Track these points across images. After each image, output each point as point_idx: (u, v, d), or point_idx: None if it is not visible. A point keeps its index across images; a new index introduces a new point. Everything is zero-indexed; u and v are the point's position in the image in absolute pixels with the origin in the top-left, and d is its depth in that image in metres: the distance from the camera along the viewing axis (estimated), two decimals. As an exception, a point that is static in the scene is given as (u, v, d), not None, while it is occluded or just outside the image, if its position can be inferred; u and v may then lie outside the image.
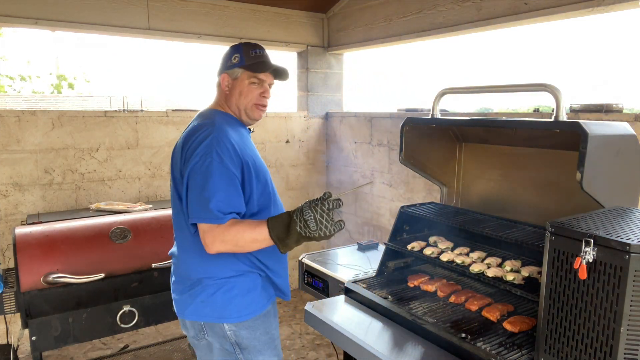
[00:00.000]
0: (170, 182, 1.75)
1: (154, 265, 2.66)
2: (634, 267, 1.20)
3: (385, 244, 2.25)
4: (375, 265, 2.31)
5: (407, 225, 2.31)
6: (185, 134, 1.72)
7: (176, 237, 1.78)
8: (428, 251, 2.08)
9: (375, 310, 1.96)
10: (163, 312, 2.66)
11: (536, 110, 2.92)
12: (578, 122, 1.50)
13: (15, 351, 2.70)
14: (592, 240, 1.27)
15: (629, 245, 1.20)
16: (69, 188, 3.51)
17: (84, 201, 3.55)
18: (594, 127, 1.50)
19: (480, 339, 1.63)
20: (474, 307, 1.84)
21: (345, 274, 2.29)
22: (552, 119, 1.63)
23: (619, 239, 1.24)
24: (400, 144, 2.26)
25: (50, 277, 2.41)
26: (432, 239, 2.20)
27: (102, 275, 2.51)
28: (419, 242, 2.16)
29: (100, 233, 2.65)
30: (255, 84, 1.76)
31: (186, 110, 4.09)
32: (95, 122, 3.56)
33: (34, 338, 2.37)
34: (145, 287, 2.66)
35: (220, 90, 1.81)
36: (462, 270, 1.93)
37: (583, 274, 1.27)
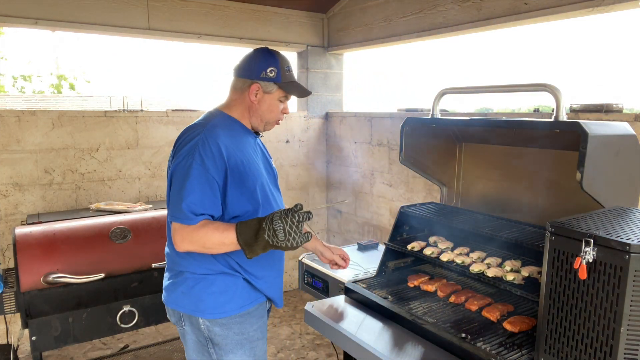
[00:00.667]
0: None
1: (154, 265, 2.66)
2: (634, 267, 1.20)
3: (385, 244, 2.25)
4: (375, 265, 2.31)
5: (407, 225, 2.31)
6: (181, 132, 1.75)
7: (167, 228, 1.81)
8: (428, 251, 2.08)
9: (375, 310, 1.96)
10: (163, 312, 2.62)
11: (536, 110, 2.92)
12: (578, 122, 1.50)
13: (15, 351, 2.70)
14: (592, 240, 1.27)
15: (629, 245, 1.20)
16: (69, 188, 3.51)
17: (84, 201, 3.55)
18: (594, 127, 1.50)
19: (480, 339, 1.63)
20: (474, 307, 1.84)
21: (345, 274, 2.29)
22: (552, 119, 1.63)
23: (619, 239, 1.24)
24: (400, 144, 2.26)
25: (50, 277, 2.41)
26: (432, 239, 2.20)
27: (102, 275, 2.51)
28: (419, 242, 2.16)
29: (100, 233, 2.65)
30: (282, 101, 1.79)
31: (186, 110, 4.09)
32: (95, 122, 3.56)
33: (34, 338, 2.37)
34: (145, 287, 2.66)
35: (242, 96, 1.75)
36: (462, 270, 1.93)
37: (583, 274, 1.27)
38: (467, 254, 2.02)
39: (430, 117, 2.14)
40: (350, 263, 2.17)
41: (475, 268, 1.88)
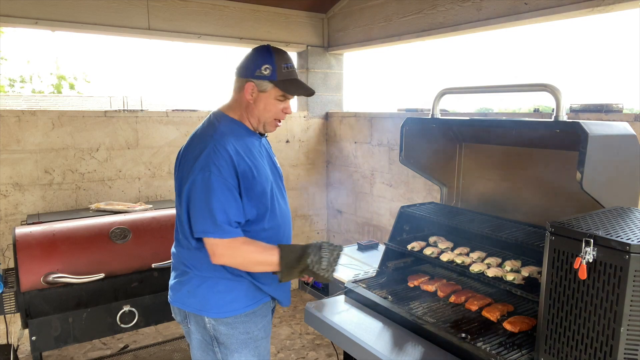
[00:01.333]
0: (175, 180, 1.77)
1: (154, 265, 2.66)
2: (634, 267, 1.20)
3: (385, 244, 2.25)
4: (375, 265, 2.31)
5: (407, 225, 2.31)
6: (189, 138, 1.74)
7: (175, 229, 1.81)
8: (428, 251, 2.08)
9: (375, 310, 1.96)
10: (163, 312, 2.66)
11: (536, 110, 2.92)
12: (578, 122, 1.50)
13: (15, 351, 2.70)
14: (592, 240, 1.27)
15: (629, 245, 1.20)
16: (69, 188, 3.51)
17: (84, 201, 3.55)
18: (594, 127, 1.50)
19: (480, 339, 1.63)
20: (474, 307, 1.84)
21: (345, 274, 2.29)
22: (552, 119, 1.63)
23: (619, 239, 1.24)
24: (400, 144, 2.26)
25: (50, 277, 2.41)
26: (432, 239, 2.20)
27: (102, 275, 2.51)
28: (419, 242, 2.16)
29: (100, 233, 2.65)
30: (281, 100, 1.73)
31: (186, 110, 4.09)
32: (95, 122, 3.56)
33: (34, 338, 2.37)
34: (145, 287, 2.66)
35: (240, 96, 1.73)
36: (462, 270, 1.93)
37: (583, 274, 1.27)
38: (467, 254, 2.02)
39: (430, 117, 2.14)
40: (350, 263, 2.17)
41: (475, 268, 1.88)
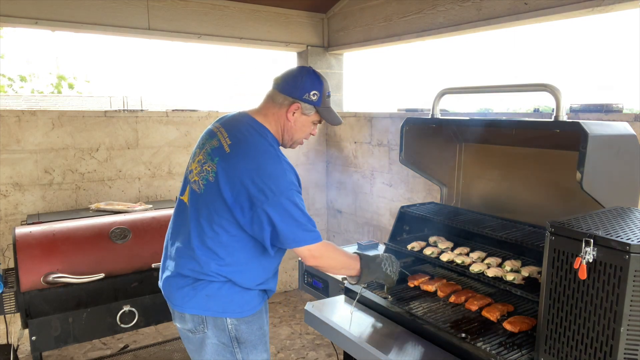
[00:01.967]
0: (198, 176, 1.72)
1: (154, 265, 2.65)
2: (634, 267, 1.20)
3: (385, 244, 2.25)
4: (375, 265, 2.30)
5: (407, 225, 2.31)
6: (232, 137, 1.70)
7: (191, 231, 1.73)
8: (428, 251, 2.08)
9: (375, 310, 1.96)
10: (163, 312, 2.65)
11: (536, 110, 2.92)
12: (578, 122, 1.50)
13: (15, 351, 2.70)
14: (592, 240, 1.27)
15: (629, 245, 1.20)
16: (69, 188, 3.51)
17: (84, 201, 3.55)
18: (594, 127, 1.50)
19: (480, 339, 1.63)
20: (474, 307, 1.84)
21: (345, 274, 2.29)
22: (552, 119, 1.63)
23: (619, 239, 1.24)
24: (400, 144, 2.26)
25: (50, 277, 2.41)
26: (432, 239, 2.20)
27: (102, 275, 2.51)
28: (419, 242, 2.16)
29: (100, 233, 2.65)
30: (315, 124, 1.83)
31: (186, 110, 4.09)
32: (95, 122, 3.56)
33: (34, 338, 2.37)
34: (145, 287, 2.66)
35: (280, 111, 1.75)
36: (462, 270, 1.93)
37: (583, 274, 1.27)
38: (467, 254, 2.02)
39: (430, 117, 2.14)
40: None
41: (475, 268, 1.88)
